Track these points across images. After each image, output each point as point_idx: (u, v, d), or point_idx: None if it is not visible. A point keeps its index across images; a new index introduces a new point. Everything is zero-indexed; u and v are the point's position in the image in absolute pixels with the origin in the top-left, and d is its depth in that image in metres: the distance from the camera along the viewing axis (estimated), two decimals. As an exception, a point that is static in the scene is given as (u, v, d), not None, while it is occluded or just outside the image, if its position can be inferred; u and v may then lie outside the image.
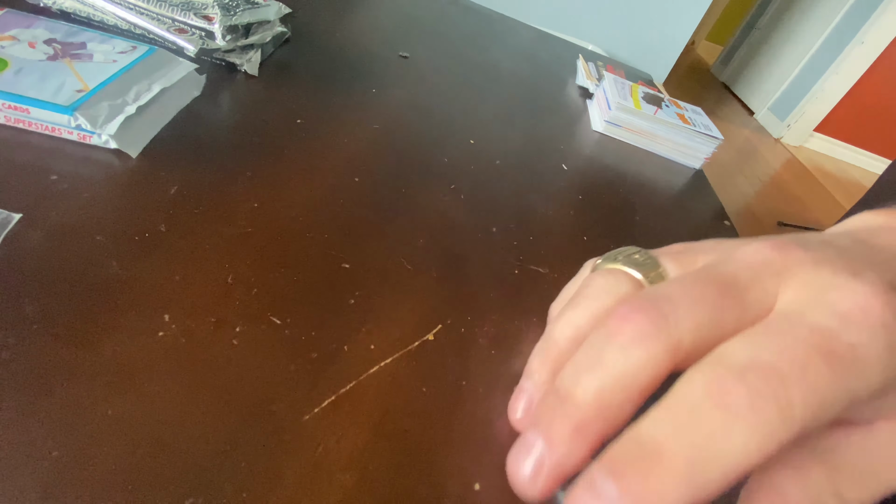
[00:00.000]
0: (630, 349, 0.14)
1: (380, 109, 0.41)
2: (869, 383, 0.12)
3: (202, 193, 0.27)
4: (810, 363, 0.12)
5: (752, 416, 0.11)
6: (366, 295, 0.24)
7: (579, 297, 0.19)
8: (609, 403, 0.14)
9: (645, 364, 0.14)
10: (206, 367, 0.19)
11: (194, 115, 0.32)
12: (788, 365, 0.12)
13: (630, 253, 0.19)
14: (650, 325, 0.14)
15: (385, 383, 0.21)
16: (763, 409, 0.11)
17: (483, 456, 0.20)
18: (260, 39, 0.40)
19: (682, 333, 0.14)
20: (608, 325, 0.15)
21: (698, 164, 0.54)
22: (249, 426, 0.18)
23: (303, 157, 0.32)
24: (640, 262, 0.19)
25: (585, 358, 0.15)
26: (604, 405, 0.14)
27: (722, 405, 0.12)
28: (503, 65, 0.65)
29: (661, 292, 0.15)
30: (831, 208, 2.39)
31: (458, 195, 0.35)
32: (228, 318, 0.21)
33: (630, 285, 0.18)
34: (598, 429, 0.14)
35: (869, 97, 3.02)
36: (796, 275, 0.14)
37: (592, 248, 0.35)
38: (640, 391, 0.14)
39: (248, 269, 0.23)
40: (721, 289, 0.15)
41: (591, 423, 0.14)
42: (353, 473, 0.18)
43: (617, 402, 0.14)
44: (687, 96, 3.32)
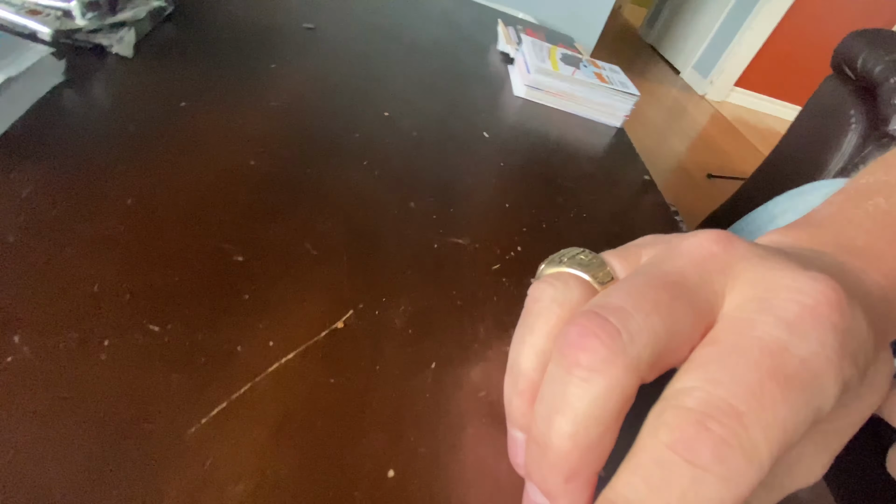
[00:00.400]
0: (592, 380, 0.13)
1: (281, 86, 0.38)
2: (827, 394, 0.12)
3: (62, 193, 0.23)
4: (766, 392, 0.12)
5: (720, 468, 0.11)
6: (263, 288, 0.22)
7: (531, 315, 0.17)
8: (588, 443, 0.13)
9: (610, 391, 0.13)
10: (67, 390, 0.17)
11: (54, 106, 0.28)
12: (745, 400, 0.12)
13: (574, 254, 0.18)
14: (605, 349, 0.13)
15: (286, 381, 0.19)
16: (730, 459, 0.11)
17: (397, 441, 0.19)
18: (133, 16, 0.36)
19: (639, 350, 0.13)
20: (564, 355, 0.14)
21: (619, 123, 0.54)
22: (122, 449, 0.16)
23: (187, 143, 0.29)
24: (586, 262, 0.18)
25: (551, 396, 0.14)
26: (583, 446, 0.14)
27: (689, 460, 0.11)
28: (420, 33, 0.62)
29: (612, 303, 0.14)
30: (752, 157, 2.56)
31: (371, 171, 0.33)
32: (95, 332, 0.18)
33: (579, 289, 0.17)
34: (588, 469, 0.14)
35: (781, 50, 3.21)
36: (742, 271, 0.14)
37: (514, 215, 0.35)
38: (614, 417, 0.13)
39: (118, 273, 0.21)
40: (672, 292, 0.14)
41: (579, 468, 0.14)
42: (247, 482, 0.16)
43: (595, 437, 0.13)
44: (618, 60, 3.40)
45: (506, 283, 0.29)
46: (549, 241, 0.33)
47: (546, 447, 0.14)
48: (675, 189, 1.91)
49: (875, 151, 0.96)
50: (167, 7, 0.40)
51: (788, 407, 0.12)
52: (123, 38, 0.34)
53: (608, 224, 0.38)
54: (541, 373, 0.16)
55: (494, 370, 0.23)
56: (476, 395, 0.22)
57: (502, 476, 0.19)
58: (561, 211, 0.37)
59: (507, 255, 0.31)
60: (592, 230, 0.36)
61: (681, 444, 0.12)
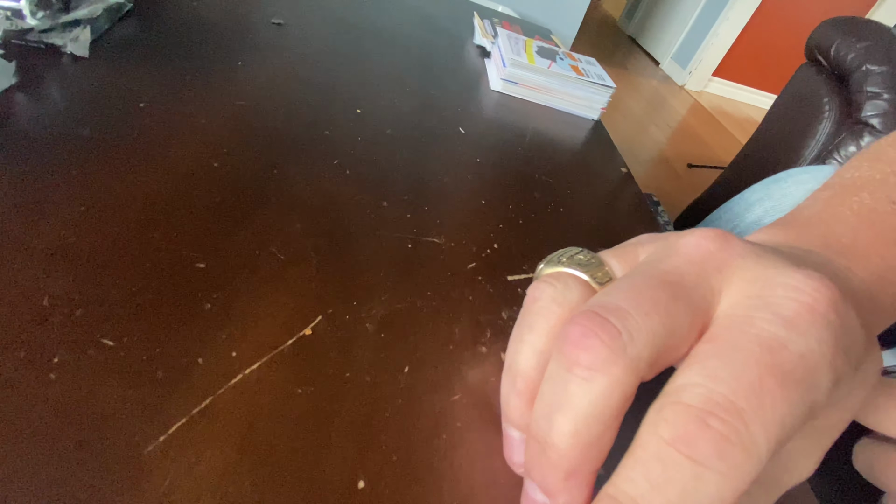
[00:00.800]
0: (592, 380, 0.13)
1: (247, 84, 0.37)
2: (822, 390, 0.12)
3: (10, 201, 0.22)
4: (765, 389, 0.12)
5: (720, 464, 0.11)
6: (226, 296, 0.22)
7: (530, 314, 0.17)
8: (588, 441, 0.14)
9: (611, 390, 0.13)
10: (11, 412, 0.16)
11: (4, 110, 0.27)
12: (745, 397, 0.12)
13: (573, 254, 0.18)
14: (606, 349, 0.13)
15: (250, 393, 0.19)
16: (730, 455, 0.11)
17: (368, 450, 0.18)
18: (88, 14, 0.34)
19: (639, 350, 0.13)
20: (565, 354, 0.14)
21: (596, 115, 0.54)
22: (74, 471, 0.15)
23: (145, 146, 0.28)
24: (585, 262, 0.18)
25: (552, 395, 0.14)
26: (584, 444, 0.14)
27: (690, 457, 0.11)
28: (395, 28, 0.61)
29: (612, 302, 0.14)
30: (731, 146, 2.59)
31: (342, 170, 0.33)
32: (43, 349, 0.18)
33: (578, 289, 0.17)
34: (588, 467, 0.14)
35: (757, 39, 3.26)
36: (739, 269, 0.14)
37: (491, 212, 0.34)
38: (614, 416, 0.14)
39: (69, 286, 0.20)
40: (670, 291, 0.14)
41: (579, 466, 0.14)
42: (208, 502, 0.16)
43: (595, 435, 0.14)
44: (598, 52, 3.41)
45: (482, 281, 0.28)
46: (526, 237, 0.33)
47: (546, 445, 0.14)
48: (657, 179, 1.93)
49: (848, 138, 0.98)
50: (126, 4, 0.39)
51: (787, 403, 0.12)
52: (78, 37, 0.33)
53: (586, 218, 0.37)
54: (540, 372, 0.16)
55: (470, 372, 0.23)
56: (451, 399, 0.21)
57: (477, 482, 0.19)
58: (538, 206, 0.37)
59: (483, 253, 0.30)
60: (570, 224, 0.36)
61: (682, 441, 0.12)
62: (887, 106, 0.92)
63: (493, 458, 0.20)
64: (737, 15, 3.13)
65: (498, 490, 0.19)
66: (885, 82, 0.93)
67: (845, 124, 0.99)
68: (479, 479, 0.19)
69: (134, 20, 0.39)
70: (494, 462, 0.20)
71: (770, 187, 0.48)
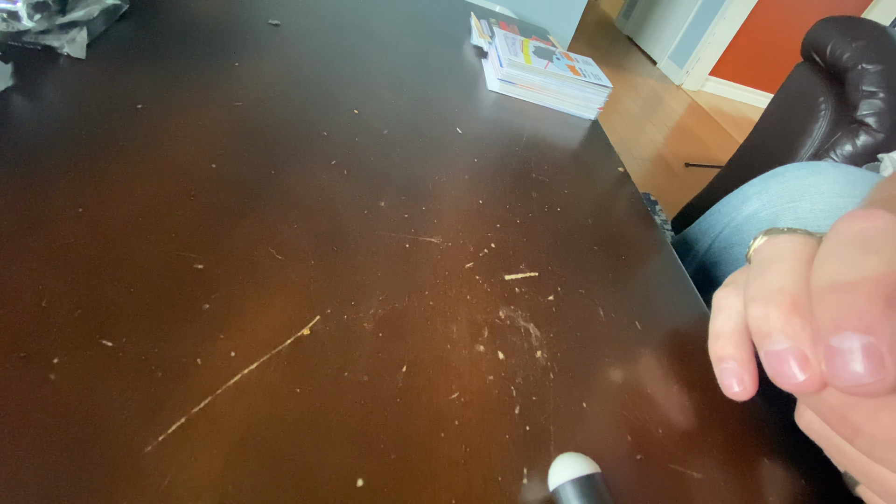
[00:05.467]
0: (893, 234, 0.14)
1: (245, 85, 0.37)
2: None
3: (9, 203, 0.22)
4: None
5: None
6: (224, 296, 0.22)
7: (772, 252, 0.19)
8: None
9: None
10: (12, 414, 0.16)
11: (1, 112, 0.27)
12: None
13: (788, 228, 0.20)
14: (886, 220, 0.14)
15: (248, 393, 0.19)
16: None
17: (366, 449, 0.19)
18: (85, 15, 0.34)
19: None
20: (853, 222, 0.15)
21: (593, 115, 0.54)
22: (75, 471, 0.15)
23: (144, 147, 0.28)
24: (805, 230, 0.19)
25: (845, 251, 0.15)
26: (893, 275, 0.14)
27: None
28: (392, 29, 0.61)
29: None
30: (728, 145, 2.60)
31: (340, 171, 0.33)
32: (42, 350, 0.18)
33: (816, 240, 0.18)
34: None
35: (753, 39, 3.26)
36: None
37: (488, 212, 0.34)
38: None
39: (68, 287, 0.20)
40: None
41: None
42: (208, 501, 0.16)
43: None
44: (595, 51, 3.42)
45: (479, 280, 0.28)
46: (523, 237, 0.33)
47: (856, 284, 0.14)
48: (655, 178, 1.93)
49: (844, 137, 0.98)
50: (122, 5, 0.39)
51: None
52: (75, 38, 0.33)
53: (583, 217, 0.38)
54: (799, 290, 0.17)
55: (467, 371, 0.23)
56: (448, 398, 0.21)
57: (476, 480, 0.19)
58: (535, 205, 0.37)
59: (481, 253, 0.30)
60: (567, 224, 0.36)
61: None
62: (883, 105, 0.93)
63: (493, 457, 0.20)
64: (733, 14, 3.13)
65: (496, 488, 0.19)
66: (880, 81, 0.93)
67: (841, 123, 0.99)
68: (477, 478, 0.19)
69: (130, 22, 0.39)
70: (494, 461, 0.20)
71: (767, 182, 0.48)
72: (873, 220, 0.15)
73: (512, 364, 0.24)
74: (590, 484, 0.18)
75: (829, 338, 0.14)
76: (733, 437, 0.24)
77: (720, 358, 0.20)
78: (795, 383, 0.16)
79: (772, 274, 0.18)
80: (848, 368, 0.13)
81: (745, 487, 0.22)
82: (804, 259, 0.18)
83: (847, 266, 0.15)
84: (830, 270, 0.15)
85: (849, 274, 0.14)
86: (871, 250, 0.14)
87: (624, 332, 0.28)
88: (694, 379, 0.27)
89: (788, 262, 0.18)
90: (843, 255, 0.15)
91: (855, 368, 0.13)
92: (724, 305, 0.22)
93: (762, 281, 0.18)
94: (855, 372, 0.13)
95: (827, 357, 0.14)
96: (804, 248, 0.18)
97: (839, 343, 0.14)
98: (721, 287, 0.23)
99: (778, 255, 0.19)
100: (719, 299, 0.22)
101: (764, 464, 0.24)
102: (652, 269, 0.35)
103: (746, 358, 0.20)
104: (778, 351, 0.16)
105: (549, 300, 0.28)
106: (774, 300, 0.17)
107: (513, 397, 0.22)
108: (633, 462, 0.21)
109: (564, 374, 0.24)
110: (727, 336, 0.20)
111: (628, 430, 0.23)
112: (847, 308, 0.14)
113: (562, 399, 0.23)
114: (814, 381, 0.16)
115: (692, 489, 0.21)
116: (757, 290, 0.18)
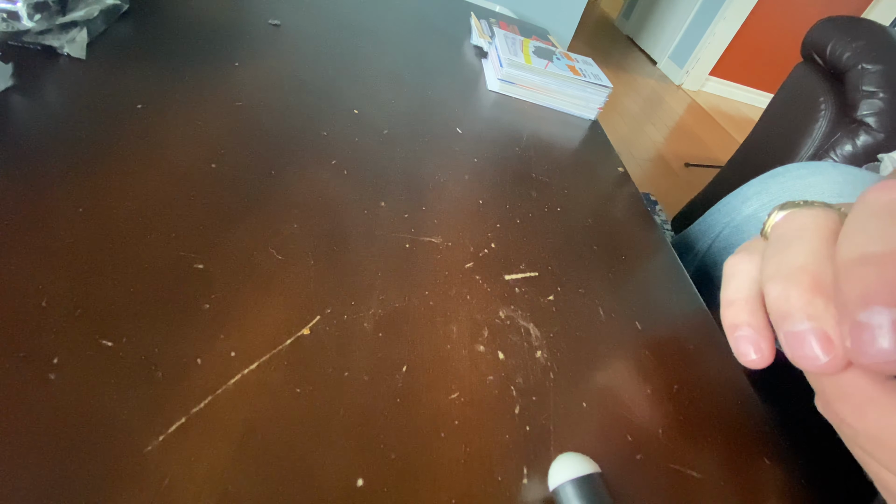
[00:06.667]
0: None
1: (245, 85, 0.37)
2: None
3: (9, 203, 0.22)
4: None
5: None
6: (224, 296, 0.22)
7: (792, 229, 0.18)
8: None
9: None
10: (12, 414, 0.16)
11: (1, 112, 0.27)
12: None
13: (805, 201, 0.19)
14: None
15: (249, 393, 0.19)
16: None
17: (366, 449, 0.19)
18: (85, 15, 0.34)
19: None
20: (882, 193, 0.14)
21: (593, 115, 0.54)
22: (74, 471, 0.15)
23: (143, 147, 0.28)
24: (823, 203, 0.18)
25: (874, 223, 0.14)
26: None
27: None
28: (391, 29, 0.61)
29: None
30: (728, 145, 2.60)
31: (339, 171, 0.33)
32: (42, 350, 0.18)
33: (836, 216, 0.18)
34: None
35: (754, 39, 3.26)
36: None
37: (488, 212, 0.34)
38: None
39: (68, 287, 0.20)
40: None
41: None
42: (208, 501, 0.16)
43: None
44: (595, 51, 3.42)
45: (479, 280, 0.28)
46: (524, 237, 0.33)
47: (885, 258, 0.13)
48: (655, 178, 1.93)
49: (844, 137, 0.98)
50: (122, 5, 0.39)
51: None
52: (75, 38, 0.33)
53: (583, 217, 0.38)
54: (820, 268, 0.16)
55: (467, 371, 0.23)
56: (448, 398, 0.21)
57: (475, 480, 0.19)
58: (535, 205, 0.37)
59: (481, 253, 0.30)
60: (567, 224, 0.36)
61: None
62: (883, 105, 0.93)
63: (492, 456, 0.20)
64: (733, 14, 3.13)
65: (496, 487, 0.19)
66: (880, 81, 0.93)
67: (841, 123, 0.99)
68: (477, 478, 0.19)
69: (130, 21, 0.39)
70: (494, 461, 0.20)
71: (767, 182, 0.48)
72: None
73: (512, 364, 0.24)
74: (590, 484, 0.18)
75: (856, 313, 0.14)
76: (733, 437, 0.24)
77: (734, 325, 0.19)
78: (818, 365, 0.16)
79: (792, 251, 0.17)
80: (876, 344, 0.13)
81: (745, 487, 0.22)
82: (825, 235, 0.17)
83: (877, 238, 0.14)
84: (859, 243, 0.14)
85: (878, 246, 0.14)
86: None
87: (624, 332, 0.28)
88: (694, 379, 0.27)
89: (809, 238, 0.17)
90: (872, 227, 0.14)
91: (883, 345, 0.13)
92: (737, 272, 0.21)
93: (781, 258, 0.17)
94: (882, 349, 0.13)
95: (853, 333, 0.14)
96: (825, 223, 0.17)
97: (868, 318, 0.13)
98: (733, 254, 0.22)
99: (798, 230, 0.18)
100: (731, 266, 0.21)
101: (764, 464, 0.24)
102: (652, 269, 0.35)
103: (762, 324, 0.19)
104: (799, 331, 0.16)
105: (549, 300, 0.28)
106: (795, 279, 0.16)
107: (513, 397, 0.22)
108: (633, 462, 0.21)
109: (564, 374, 0.24)
110: (741, 303, 0.19)
111: (628, 430, 0.23)
112: (877, 282, 0.13)
113: (562, 399, 0.23)
114: (836, 363, 0.15)
115: (692, 489, 0.21)
116: (776, 268, 0.17)
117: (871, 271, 0.13)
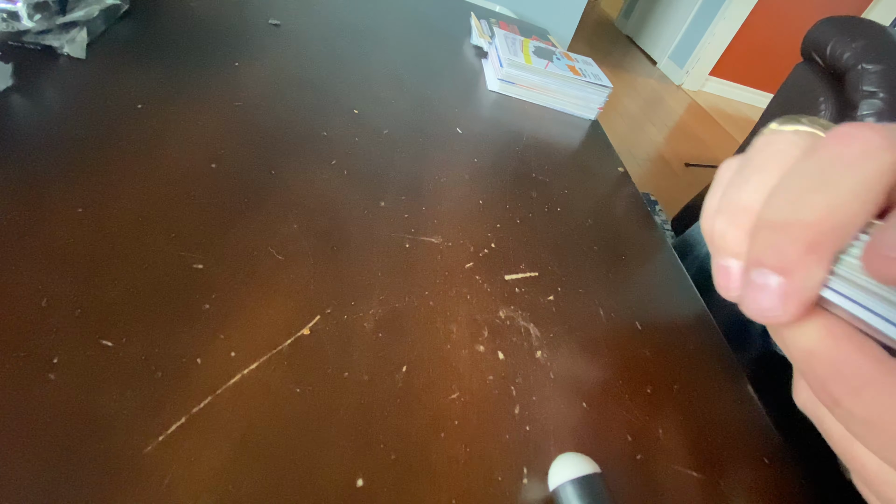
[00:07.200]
0: (860, 164, 0.13)
1: (244, 85, 0.37)
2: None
3: (8, 203, 0.22)
4: None
5: None
6: (224, 296, 0.22)
7: (762, 156, 0.17)
8: (841, 220, 0.13)
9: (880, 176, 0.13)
10: (11, 414, 0.16)
11: (1, 112, 0.27)
12: None
13: (813, 119, 0.18)
14: (881, 138, 0.13)
15: (249, 393, 0.19)
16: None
17: (366, 449, 0.19)
18: (85, 16, 0.34)
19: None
20: (827, 148, 0.14)
21: (593, 115, 0.54)
22: (74, 471, 0.15)
23: (143, 147, 0.28)
24: (826, 125, 0.17)
25: (799, 184, 0.14)
26: (835, 220, 0.13)
27: None
28: (391, 29, 0.61)
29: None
30: (728, 145, 2.60)
31: (339, 171, 0.33)
32: (42, 350, 0.18)
33: None
34: (831, 245, 0.13)
35: (753, 39, 3.27)
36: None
37: (488, 212, 0.34)
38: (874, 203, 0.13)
39: (68, 287, 0.20)
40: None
41: (824, 240, 0.13)
42: (208, 501, 0.16)
43: (850, 214, 0.13)
44: (595, 51, 3.42)
45: (479, 280, 0.28)
46: (523, 237, 0.33)
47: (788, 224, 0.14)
48: (655, 178, 1.93)
49: (844, 137, 0.98)
50: (122, 5, 0.39)
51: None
52: (75, 38, 0.33)
53: (583, 217, 0.38)
54: None
55: (467, 371, 0.23)
56: (448, 398, 0.21)
57: (475, 480, 0.19)
58: (535, 205, 0.37)
59: (481, 253, 0.30)
60: (567, 224, 0.36)
61: None
62: (883, 105, 0.93)
63: (492, 455, 0.20)
64: (734, 14, 3.14)
65: (496, 487, 0.19)
66: (880, 81, 0.93)
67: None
68: (477, 478, 0.19)
69: (130, 21, 0.39)
70: (494, 461, 0.20)
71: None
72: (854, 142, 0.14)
73: (512, 364, 0.24)
74: (590, 484, 0.18)
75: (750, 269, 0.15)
76: (733, 437, 0.24)
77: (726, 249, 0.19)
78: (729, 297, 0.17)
79: (747, 185, 0.17)
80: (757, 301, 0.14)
81: (746, 487, 0.22)
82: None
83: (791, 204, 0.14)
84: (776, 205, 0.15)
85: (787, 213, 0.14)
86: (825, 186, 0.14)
87: (624, 332, 0.28)
88: (694, 379, 0.27)
89: (771, 171, 0.17)
90: (795, 188, 0.14)
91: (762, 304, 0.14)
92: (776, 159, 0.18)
93: (735, 191, 0.17)
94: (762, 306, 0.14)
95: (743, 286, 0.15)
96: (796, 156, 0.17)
97: (756, 277, 0.14)
98: (791, 128, 0.20)
99: (766, 159, 0.17)
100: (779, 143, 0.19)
101: (764, 464, 0.24)
102: (652, 270, 0.35)
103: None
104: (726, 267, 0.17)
105: (549, 300, 0.28)
106: (737, 218, 0.17)
107: (513, 397, 0.22)
108: (633, 462, 0.21)
109: (564, 374, 0.24)
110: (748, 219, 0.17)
111: (628, 430, 0.23)
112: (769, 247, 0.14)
113: (562, 399, 0.23)
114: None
115: (692, 489, 0.21)
116: (728, 200, 0.18)
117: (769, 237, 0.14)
